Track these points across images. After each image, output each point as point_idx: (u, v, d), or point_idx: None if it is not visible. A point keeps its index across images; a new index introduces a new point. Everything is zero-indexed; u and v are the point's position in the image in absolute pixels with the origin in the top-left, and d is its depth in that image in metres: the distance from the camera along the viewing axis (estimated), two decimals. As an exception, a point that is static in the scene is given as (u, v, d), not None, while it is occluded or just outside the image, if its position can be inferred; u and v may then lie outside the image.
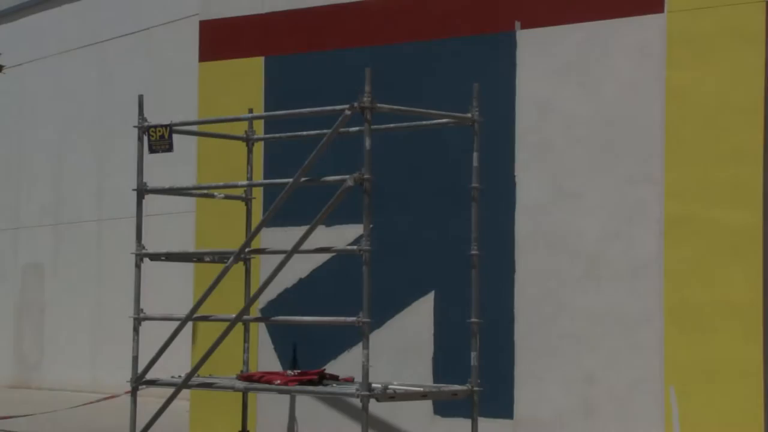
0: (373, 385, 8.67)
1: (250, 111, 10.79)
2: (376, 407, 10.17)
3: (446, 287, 10.43)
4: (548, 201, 10.11)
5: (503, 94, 10.26)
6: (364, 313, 8.47)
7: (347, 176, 8.57)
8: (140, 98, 9.74)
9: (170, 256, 10.18)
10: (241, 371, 10.46)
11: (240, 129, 10.80)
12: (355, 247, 8.66)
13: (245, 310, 9.36)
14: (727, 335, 9.28)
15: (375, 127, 8.81)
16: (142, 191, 9.76)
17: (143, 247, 9.76)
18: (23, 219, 20.89)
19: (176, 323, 9.43)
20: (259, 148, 11.22)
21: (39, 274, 20.46)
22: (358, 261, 8.56)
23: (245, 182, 9.98)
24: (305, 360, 11.00)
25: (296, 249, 8.90)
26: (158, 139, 9.55)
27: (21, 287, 20.83)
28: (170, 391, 9.48)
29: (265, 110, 11.33)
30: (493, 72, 10.34)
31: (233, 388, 9.37)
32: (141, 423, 9.77)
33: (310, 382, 9.28)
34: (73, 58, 19.99)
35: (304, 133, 10.25)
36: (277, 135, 10.91)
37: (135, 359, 9.74)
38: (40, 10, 20.76)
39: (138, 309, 9.72)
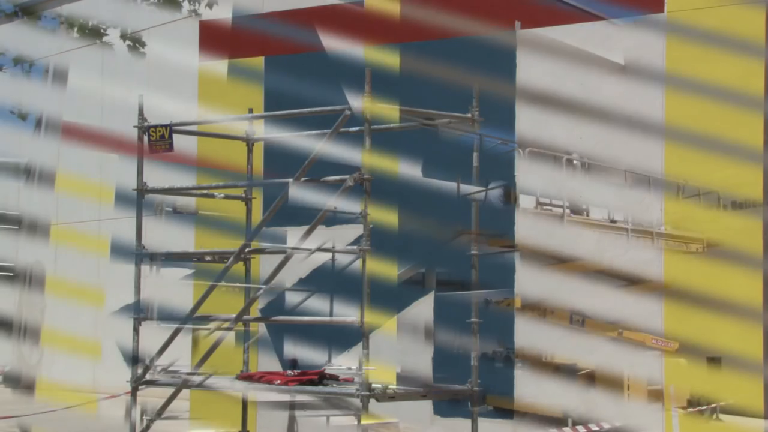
0: (373, 385, 8.66)
1: (250, 111, 10.78)
2: (376, 407, 10.17)
3: (446, 287, 10.41)
4: (548, 201, 10.09)
5: (503, 93, 10.25)
6: (364, 313, 8.46)
7: (347, 176, 8.57)
8: (140, 98, 9.74)
9: (170, 256, 10.17)
10: (241, 371, 10.45)
11: (240, 129, 10.79)
12: (355, 247, 8.65)
13: (245, 310, 9.34)
14: (727, 335, 9.27)
15: (375, 127, 8.81)
16: (142, 191, 9.75)
17: (143, 247, 9.76)
18: (23, 219, 20.85)
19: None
20: (259, 148, 11.21)
21: (39, 274, 20.43)
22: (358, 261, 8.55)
23: (245, 182, 9.96)
24: (305, 360, 10.98)
25: (296, 249, 8.89)
26: (158, 139, 9.55)
27: (21, 287, 20.79)
28: (170, 391, 9.47)
29: (265, 110, 11.32)
30: (493, 72, 10.32)
31: (233, 388, 9.35)
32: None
33: (310, 382, 9.27)
34: (73, 57, 19.96)
35: (304, 133, 10.24)
36: (277, 135, 10.89)
37: (135, 359, 9.73)
38: (40, 10, 20.71)
39: (138, 309, 9.71)
